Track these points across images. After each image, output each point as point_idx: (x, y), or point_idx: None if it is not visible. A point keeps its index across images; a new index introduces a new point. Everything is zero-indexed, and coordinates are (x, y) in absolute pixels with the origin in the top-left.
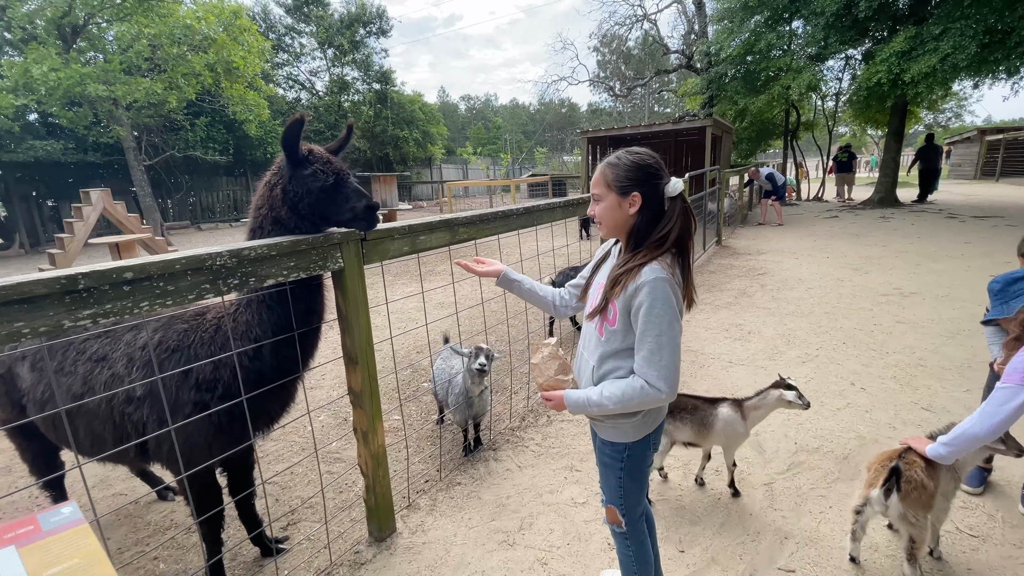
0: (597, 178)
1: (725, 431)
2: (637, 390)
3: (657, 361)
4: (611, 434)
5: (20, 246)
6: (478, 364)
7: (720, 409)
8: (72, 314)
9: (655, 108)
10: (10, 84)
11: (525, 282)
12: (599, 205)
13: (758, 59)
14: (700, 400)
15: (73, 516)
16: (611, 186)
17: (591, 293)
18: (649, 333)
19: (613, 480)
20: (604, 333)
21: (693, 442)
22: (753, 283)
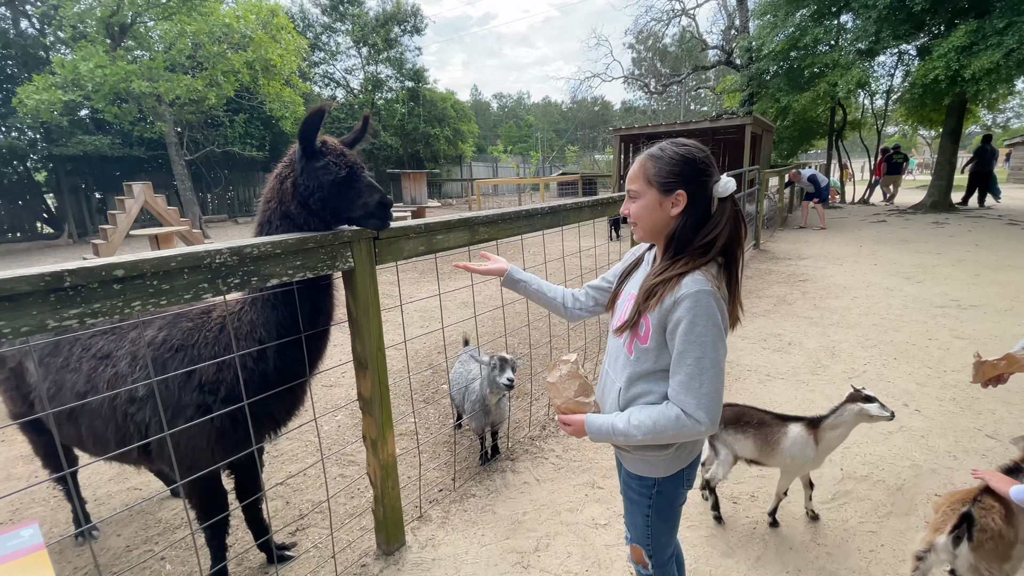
0: (635, 172)
1: (791, 453)
2: (671, 420)
3: (696, 388)
4: (638, 467)
5: (69, 235)
6: (506, 379)
7: (790, 428)
8: (57, 314)
9: (691, 106)
10: (61, 81)
11: (531, 282)
12: (636, 203)
13: (803, 55)
14: (770, 415)
15: (32, 540)
16: (652, 182)
17: (619, 304)
18: (689, 354)
19: (640, 518)
20: (634, 351)
21: (756, 460)
22: (793, 290)
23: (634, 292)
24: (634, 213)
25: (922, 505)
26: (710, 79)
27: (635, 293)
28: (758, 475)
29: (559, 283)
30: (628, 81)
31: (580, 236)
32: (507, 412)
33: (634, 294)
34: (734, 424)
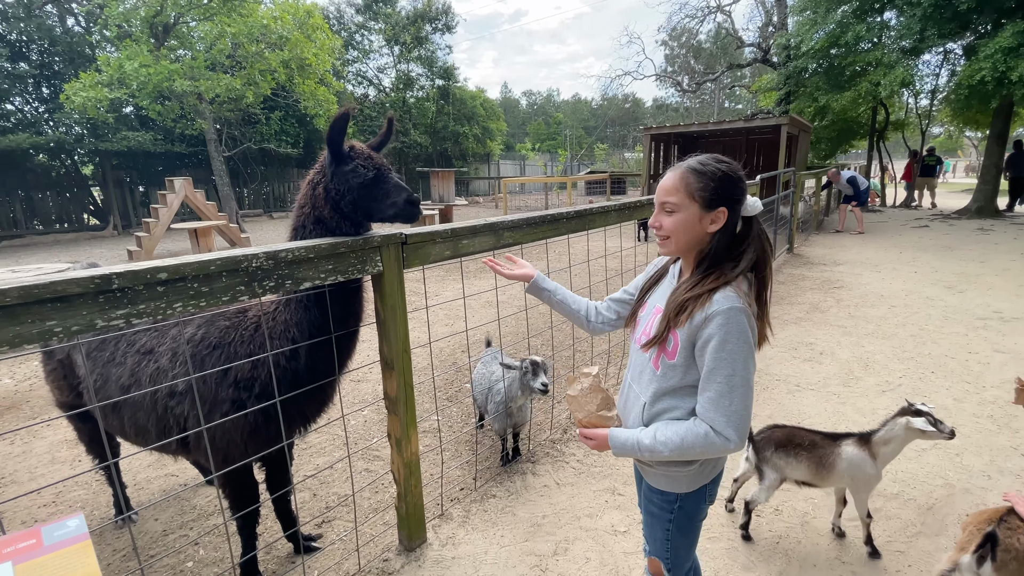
0: (675, 184)
1: (851, 473)
2: (700, 437)
3: (727, 405)
4: (659, 481)
5: (113, 227)
6: (541, 384)
7: (844, 448)
8: (105, 314)
9: (725, 104)
10: (106, 79)
11: (557, 292)
12: (673, 217)
13: (844, 53)
14: (819, 435)
15: (77, 531)
16: (695, 196)
17: (642, 316)
18: (719, 371)
19: (660, 532)
20: (661, 367)
21: (809, 482)
22: (827, 297)
23: (659, 306)
24: (669, 227)
25: (953, 525)
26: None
27: (660, 307)
28: (783, 488)
29: (584, 286)
30: (660, 79)
31: (606, 238)
32: (529, 414)
33: (659, 308)
34: (784, 447)
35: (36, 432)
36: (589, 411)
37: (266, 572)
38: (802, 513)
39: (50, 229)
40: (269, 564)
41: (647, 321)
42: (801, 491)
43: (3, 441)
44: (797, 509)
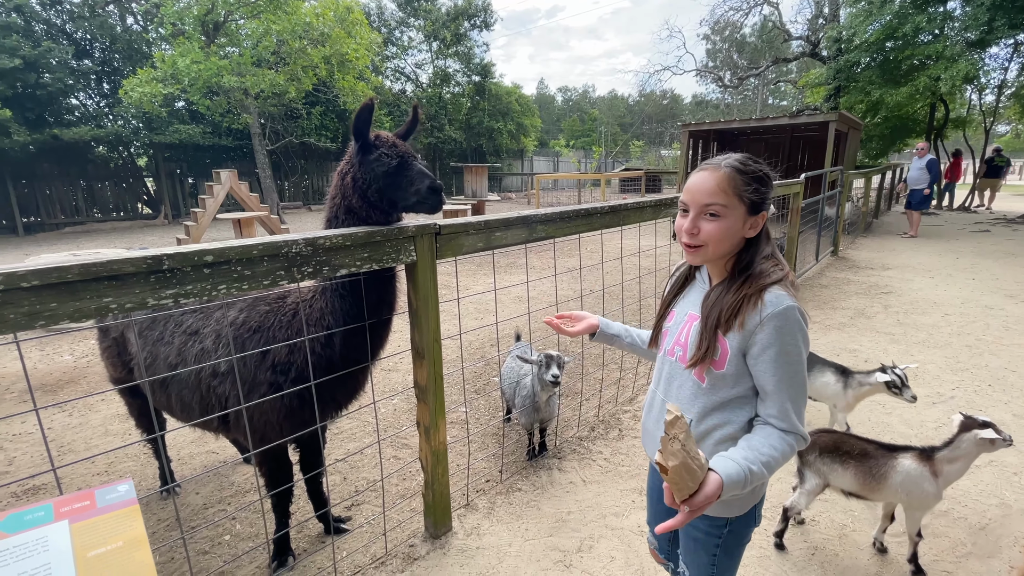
0: (721, 185)
1: (907, 488)
2: (792, 447)
3: (800, 409)
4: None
5: (165, 216)
6: (551, 376)
7: (901, 461)
8: (156, 293)
9: (768, 101)
10: (161, 75)
11: (625, 336)
12: (716, 222)
13: (901, 45)
14: (873, 445)
15: (127, 495)
16: (743, 198)
17: (670, 327)
18: (790, 378)
19: (705, 558)
20: (708, 379)
21: (856, 493)
22: (874, 303)
23: (692, 312)
24: (711, 233)
25: (1008, 548)
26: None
27: (694, 314)
28: (821, 499)
29: (616, 283)
30: (701, 74)
31: (640, 235)
32: (556, 410)
33: (692, 315)
34: (831, 453)
35: (92, 406)
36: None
37: (298, 550)
38: (840, 525)
39: (108, 217)
40: (301, 542)
41: (678, 331)
42: (841, 502)
43: (62, 412)
44: (835, 521)
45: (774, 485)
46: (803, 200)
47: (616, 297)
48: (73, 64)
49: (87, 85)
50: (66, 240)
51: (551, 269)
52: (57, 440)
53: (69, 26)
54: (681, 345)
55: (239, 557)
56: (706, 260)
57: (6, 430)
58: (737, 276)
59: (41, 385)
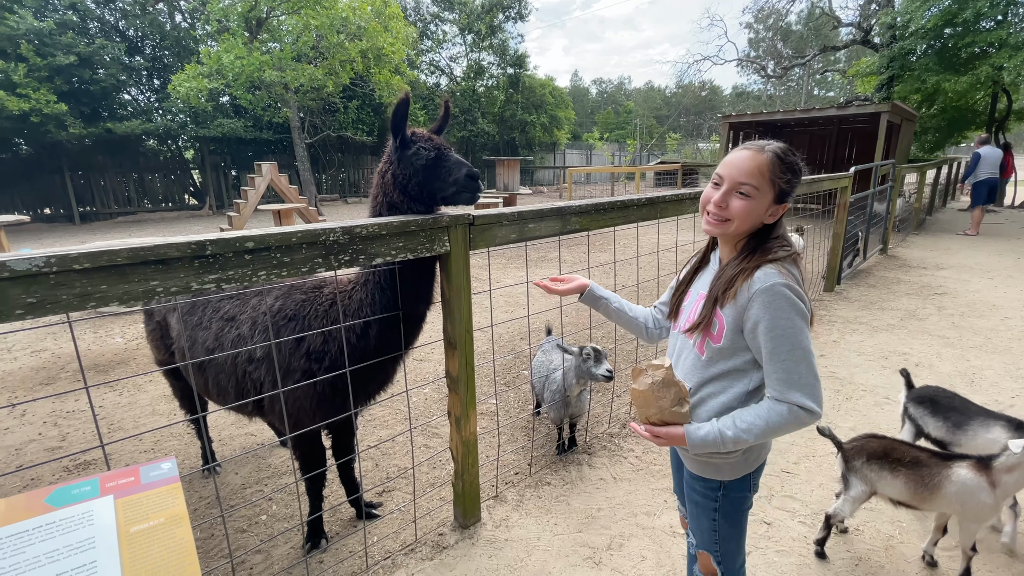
0: (760, 168)
1: (962, 499)
2: (785, 416)
3: (798, 380)
4: (701, 468)
5: (209, 207)
6: (605, 371)
7: (956, 470)
8: (200, 277)
9: (814, 91)
10: (206, 70)
11: (612, 300)
12: (745, 201)
13: (960, 32)
14: (926, 453)
15: (170, 473)
16: (775, 185)
17: (686, 305)
18: (780, 349)
19: (706, 522)
20: (706, 351)
21: (907, 503)
22: (927, 304)
23: (703, 292)
24: (738, 211)
25: None
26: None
27: (704, 293)
28: (867, 508)
29: (651, 278)
30: (742, 64)
31: (678, 229)
32: (587, 406)
33: (703, 294)
34: (880, 459)
35: (140, 387)
36: (662, 407)
37: (330, 532)
38: (887, 536)
39: (157, 207)
40: (333, 526)
41: (691, 308)
42: (888, 512)
43: (113, 392)
44: (881, 531)
45: (815, 492)
46: (851, 195)
47: (651, 293)
48: (125, 60)
49: (138, 81)
50: (119, 229)
51: (582, 263)
52: (108, 418)
53: (122, 24)
54: (689, 320)
55: (275, 537)
56: (724, 234)
57: (60, 407)
58: (746, 250)
59: (94, 365)
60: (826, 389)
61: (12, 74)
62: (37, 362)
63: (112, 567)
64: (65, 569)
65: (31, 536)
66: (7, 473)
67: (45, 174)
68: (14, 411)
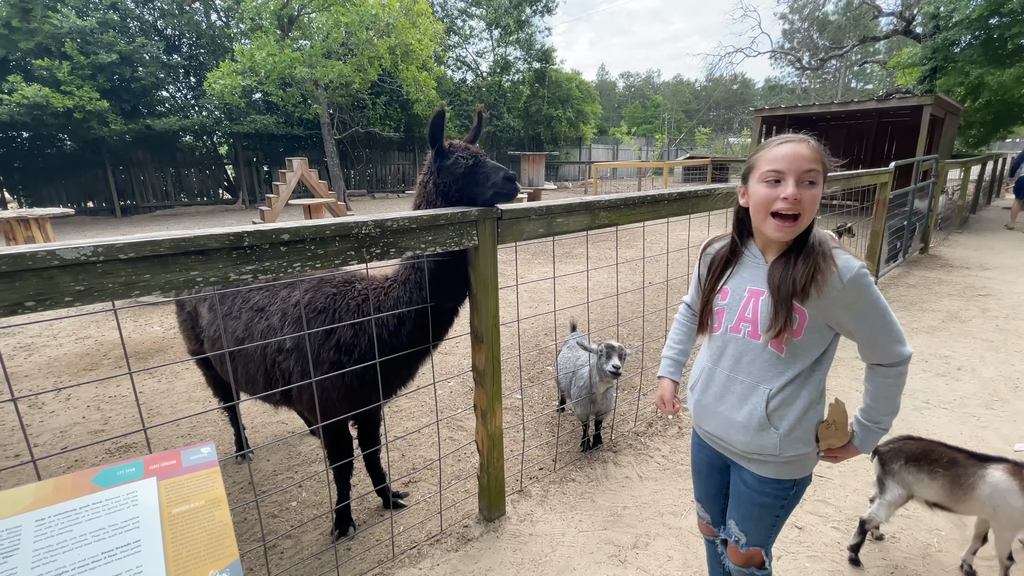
0: (815, 154)
1: (994, 503)
2: (905, 373)
3: (900, 335)
4: (779, 471)
5: (243, 201)
6: (612, 366)
7: (991, 472)
8: (237, 268)
9: (852, 84)
10: (240, 68)
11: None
12: (814, 190)
13: (1008, 22)
14: (962, 454)
15: (209, 457)
16: (826, 170)
17: (728, 305)
18: (885, 319)
19: (769, 519)
20: (786, 349)
21: (942, 504)
22: (970, 305)
23: (752, 288)
24: (811, 200)
25: None
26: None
27: (755, 289)
28: (904, 515)
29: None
30: (776, 56)
31: (709, 225)
32: (613, 403)
33: (754, 290)
34: (917, 461)
35: (177, 374)
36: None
37: (358, 520)
38: (924, 544)
39: (193, 202)
40: (361, 514)
41: (740, 308)
42: (926, 520)
43: (152, 378)
44: (919, 540)
45: (848, 497)
46: (891, 191)
47: (679, 291)
48: (163, 58)
49: (176, 78)
50: (157, 222)
51: (607, 260)
52: (147, 404)
53: (160, 23)
54: (748, 321)
55: (304, 524)
56: (796, 234)
57: (103, 392)
58: (797, 247)
59: (134, 353)
60: (862, 391)
61: (57, 71)
62: (82, 348)
63: (155, 546)
64: (111, 547)
65: (78, 515)
66: (52, 455)
67: (88, 169)
68: (60, 395)
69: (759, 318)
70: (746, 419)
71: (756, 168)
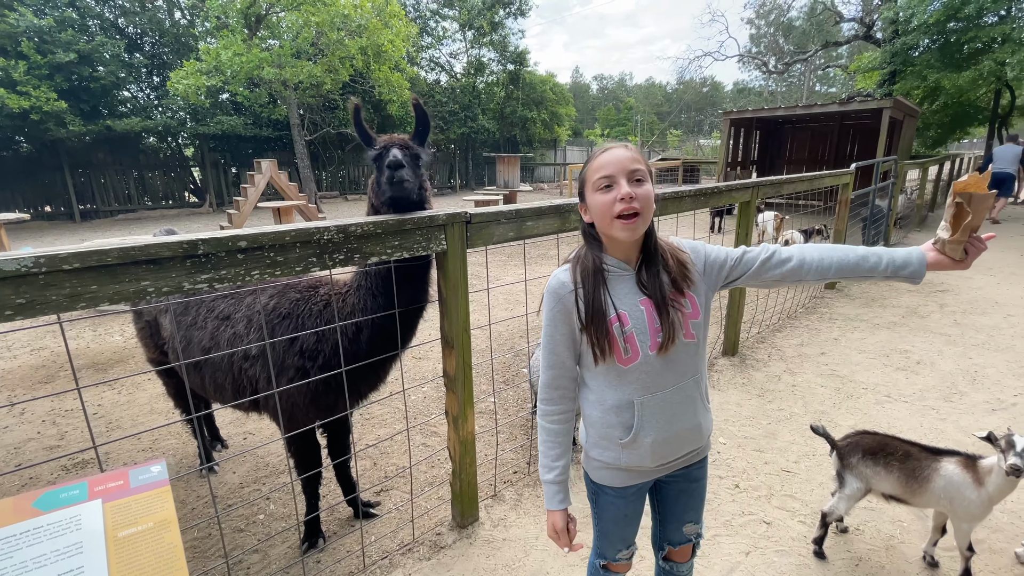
0: (635, 156)
1: (949, 495)
2: None
3: None
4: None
5: (210, 204)
6: None
7: (944, 465)
8: (192, 277)
9: (816, 87)
10: (205, 67)
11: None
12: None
13: (963, 27)
14: (916, 447)
15: (160, 476)
16: (649, 171)
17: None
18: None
19: (705, 494)
20: (694, 332)
21: (900, 497)
22: (928, 301)
23: (639, 300)
24: (645, 196)
25: None
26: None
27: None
28: (868, 507)
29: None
30: (744, 60)
31: (678, 228)
32: None
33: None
34: (874, 455)
35: (139, 385)
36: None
37: (328, 532)
38: (888, 536)
39: (157, 205)
40: (331, 525)
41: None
42: (888, 512)
43: (111, 390)
44: (882, 531)
45: (815, 491)
46: (852, 191)
47: None
48: (125, 57)
49: (138, 78)
50: (119, 227)
51: None
52: (106, 416)
53: (121, 21)
54: (659, 331)
55: (272, 537)
56: (642, 230)
57: (59, 406)
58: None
59: (92, 363)
60: (826, 387)
61: (12, 72)
62: (37, 360)
63: (99, 572)
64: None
65: (19, 541)
66: (6, 472)
67: (45, 172)
68: (13, 409)
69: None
70: (698, 416)
71: (588, 180)
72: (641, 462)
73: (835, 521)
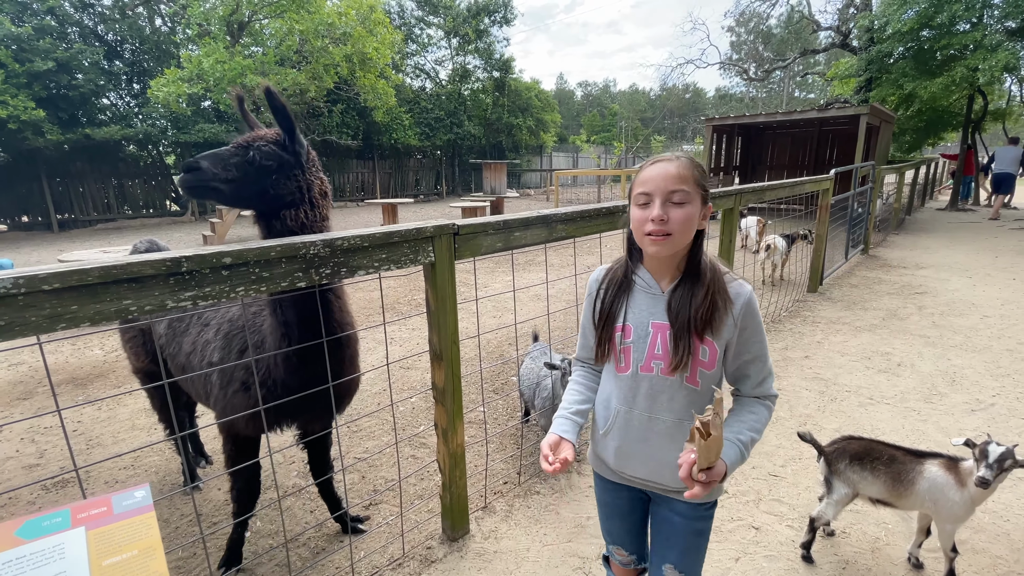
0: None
1: (933, 497)
2: (772, 410)
3: (771, 372)
4: (713, 493)
5: (192, 214)
6: None
7: (928, 467)
8: (176, 295)
9: (795, 94)
10: (186, 74)
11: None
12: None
13: (937, 35)
14: (901, 451)
15: (144, 502)
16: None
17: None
18: (764, 350)
19: (703, 544)
20: (701, 382)
21: (886, 501)
22: (908, 303)
23: (656, 322)
24: (680, 219)
25: None
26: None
27: (660, 323)
28: (854, 511)
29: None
30: (725, 67)
31: None
32: None
33: (658, 324)
34: (860, 460)
35: (120, 400)
36: (720, 449)
37: (316, 548)
38: (873, 539)
39: (138, 214)
40: (319, 541)
41: (648, 345)
42: (873, 515)
43: (92, 407)
44: (868, 534)
45: (802, 495)
46: (832, 196)
47: None
48: (104, 65)
49: (118, 85)
50: (98, 236)
51: (571, 267)
52: (86, 434)
53: (100, 28)
54: (660, 358)
55: (259, 556)
56: (673, 250)
57: (38, 423)
58: (693, 274)
59: (72, 379)
60: (811, 391)
61: None
62: (14, 376)
63: None
64: None
65: (2, 570)
66: None
67: (23, 181)
68: None
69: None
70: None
71: (632, 191)
72: (607, 457)
73: (823, 526)
